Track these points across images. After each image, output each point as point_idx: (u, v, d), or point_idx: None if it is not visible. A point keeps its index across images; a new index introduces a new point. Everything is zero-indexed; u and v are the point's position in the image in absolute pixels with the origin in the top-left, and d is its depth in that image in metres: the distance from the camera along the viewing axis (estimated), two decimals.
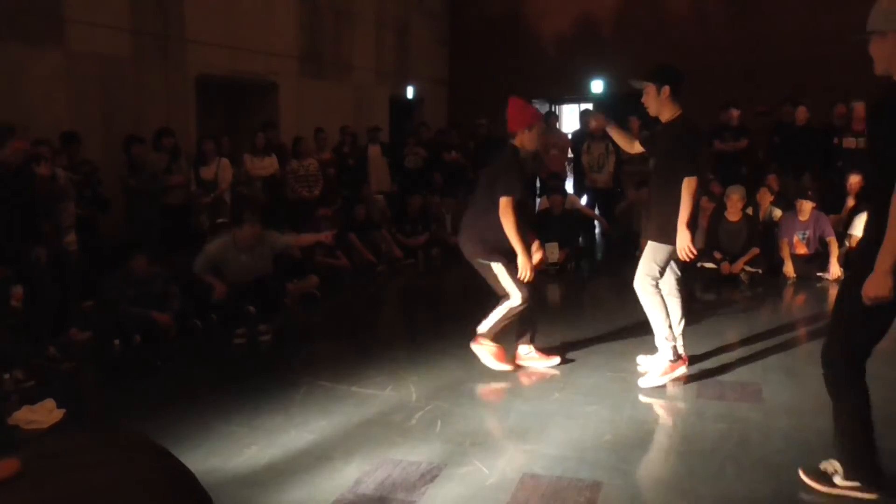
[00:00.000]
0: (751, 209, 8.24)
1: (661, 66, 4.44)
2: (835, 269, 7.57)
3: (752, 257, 7.68)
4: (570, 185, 11.14)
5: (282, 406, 4.21)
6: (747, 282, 7.62)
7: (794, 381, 4.55)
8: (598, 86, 13.69)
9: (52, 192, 5.61)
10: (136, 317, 5.58)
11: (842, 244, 7.79)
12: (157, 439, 3.56)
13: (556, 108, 15.01)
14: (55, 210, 5.67)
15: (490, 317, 4.74)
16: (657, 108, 4.36)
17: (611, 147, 10.51)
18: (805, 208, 7.77)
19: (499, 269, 4.65)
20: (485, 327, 4.74)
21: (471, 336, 4.77)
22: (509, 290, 4.67)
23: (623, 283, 5.34)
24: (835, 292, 7.32)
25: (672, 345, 4.45)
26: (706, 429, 3.84)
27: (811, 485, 3.16)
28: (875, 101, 2.91)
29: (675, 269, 4.62)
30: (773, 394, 4.31)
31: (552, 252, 8.34)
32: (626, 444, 3.65)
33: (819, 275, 7.71)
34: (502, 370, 4.73)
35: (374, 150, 10.54)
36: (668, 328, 4.44)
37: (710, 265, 7.73)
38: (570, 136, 11.62)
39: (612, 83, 13.25)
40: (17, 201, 4.99)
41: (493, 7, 14.35)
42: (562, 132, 12.05)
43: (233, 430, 3.88)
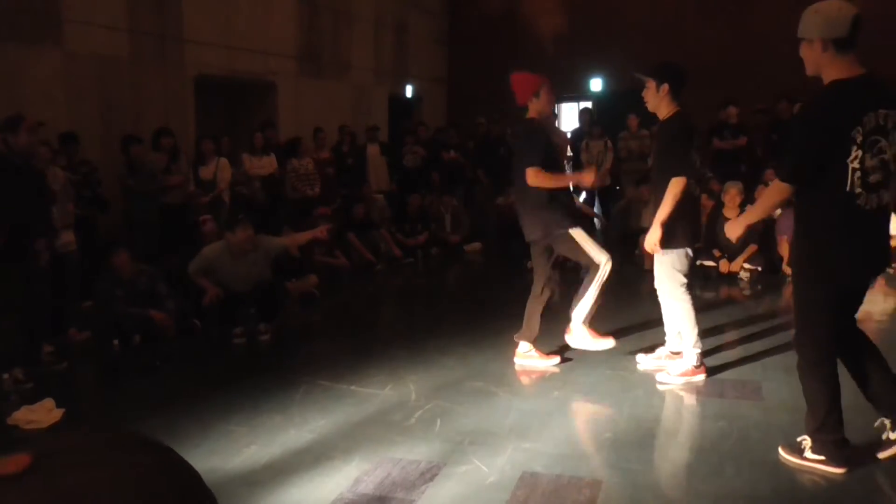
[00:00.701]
0: (749, 206, 8.23)
1: (665, 63, 4.48)
2: None
3: (750, 254, 7.68)
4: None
5: (281, 405, 4.21)
6: (747, 279, 7.62)
7: (794, 379, 4.51)
8: (596, 84, 13.69)
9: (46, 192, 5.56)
10: (134, 317, 5.58)
11: None
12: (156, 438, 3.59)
13: (555, 106, 14.99)
14: (49, 211, 5.62)
15: (583, 299, 4.64)
16: (655, 105, 4.39)
17: (609, 145, 10.52)
18: None
19: (577, 233, 4.60)
20: (580, 313, 4.65)
21: (469, 335, 4.76)
22: (593, 255, 4.59)
23: (621, 281, 5.34)
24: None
25: (698, 352, 4.45)
26: (706, 426, 3.84)
27: (785, 456, 3.36)
28: (803, 103, 3.20)
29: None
30: (773, 392, 4.31)
31: None
32: (626, 442, 3.65)
33: None
34: (607, 347, 4.73)
35: (373, 150, 10.54)
36: (696, 336, 4.44)
37: (709, 263, 7.73)
38: (568, 135, 11.62)
39: (611, 81, 13.26)
40: (25, 194, 4.93)
41: (492, 5, 14.34)
42: (561, 130, 12.04)
43: (232, 429, 3.88)
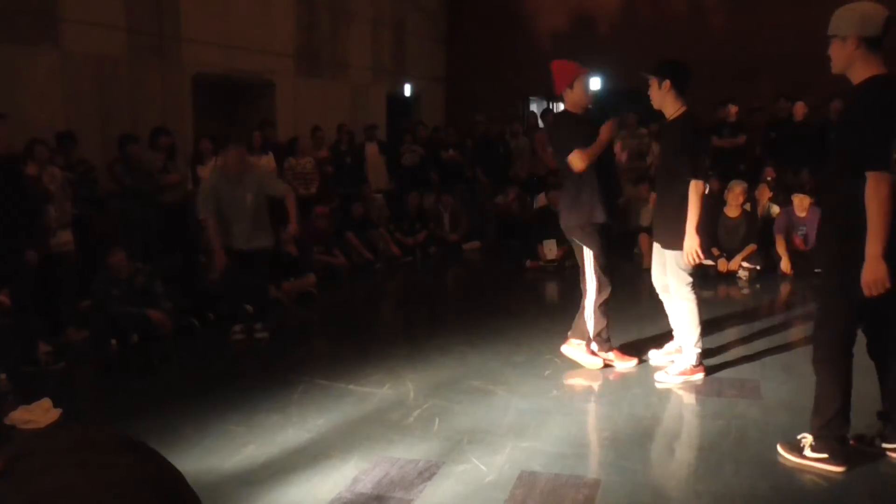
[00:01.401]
0: (749, 205, 8.24)
1: (667, 60, 4.50)
2: None
3: (749, 253, 7.68)
4: None
5: (279, 404, 4.20)
6: (745, 278, 7.62)
7: (793, 378, 4.54)
8: (595, 82, 13.68)
9: (38, 192, 5.54)
10: (131, 316, 5.57)
11: None
12: (154, 438, 3.56)
13: (554, 105, 14.99)
14: (41, 211, 5.59)
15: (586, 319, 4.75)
16: (659, 102, 4.40)
17: None
18: (803, 204, 7.76)
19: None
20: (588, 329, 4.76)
21: (468, 334, 4.76)
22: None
23: (620, 279, 5.33)
24: None
25: (698, 352, 4.46)
26: (705, 425, 3.83)
27: (784, 455, 3.34)
28: (843, 103, 3.14)
29: None
30: (772, 390, 4.30)
31: (551, 249, 8.35)
32: (625, 441, 3.64)
33: (817, 271, 7.68)
34: (628, 366, 4.76)
35: (372, 148, 10.53)
36: (699, 336, 4.45)
37: (708, 262, 7.72)
38: None
39: (610, 79, 13.24)
40: (4, 196, 4.90)
41: (490, 4, 14.34)
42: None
43: (230, 428, 3.87)
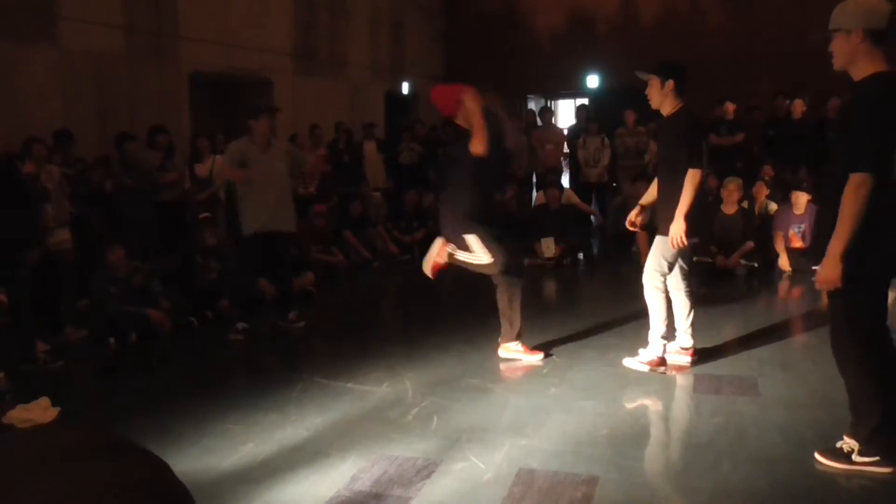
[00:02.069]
0: (746, 202, 8.25)
1: (668, 61, 4.57)
2: None
3: (746, 251, 7.69)
4: (565, 180, 11.14)
5: (278, 403, 4.20)
6: (743, 276, 7.63)
7: (790, 375, 4.56)
8: (593, 80, 13.69)
9: (36, 191, 5.53)
10: (129, 314, 5.57)
11: None
12: (152, 437, 3.56)
13: (552, 103, 15.00)
14: (39, 210, 5.59)
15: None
16: (659, 101, 4.44)
17: (606, 141, 10.52)
18: (800, 201, 7.77)
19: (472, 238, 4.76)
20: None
21: (466, 332, 4.77)
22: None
23: (618, 277, 5.34)
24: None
25: (663, 344, 4.55)
26: (702, 423, 3.84)
27: (829, 464, 3.22)
28: (844, 101, 3.20)
29: (682, 264, 4.63)
30: (770, 387, 4.31)
31: (548, 247, 8.35)
32: (623, 438, 3.65)
33: (815, 268, 7.67)
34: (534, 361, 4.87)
35: (370, 147, 10.53)
36: (663, 326, 4.52)
37: (705, 259, 7.74)
38: (565, 132, 11.62)
39: (608, 78, 13.25)
40: (2, 195, 4.87)
41: (488, 2, 14.33)
42: (557, 127, 12.04)
43: (228, 427, 3.87)
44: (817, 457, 3.29)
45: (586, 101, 13.18)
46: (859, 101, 3.05)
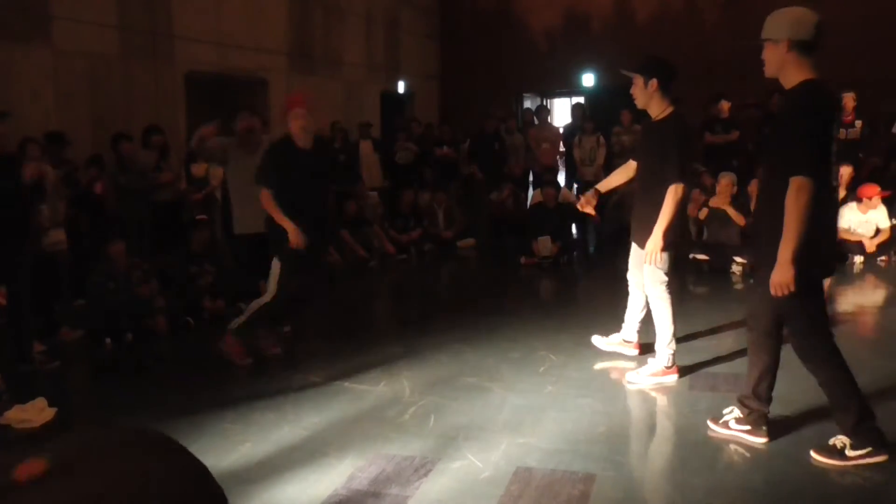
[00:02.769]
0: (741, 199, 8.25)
1: (651, 58, 4.38)
2: None
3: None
4: (560, 179, 11.15)
5: (275, 403, 4.20)
6: (738, 273, 7.64)
7: (785, 372, 4.55)
8: (588, 79, 13.70)
9: (34, 191, 5.51)
10: (126, 309, 5.56)
11: None
12: None
13: (548, 101, 15.01)
14: (34, 211, 5.56)
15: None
16: (644, 101, 4.28)
17: (601, 140, 10.53)
18: None
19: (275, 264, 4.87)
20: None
21: (463, 331, 4.77)
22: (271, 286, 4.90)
23: (615, 276, 5.35)
24: (826, 283, 7.34)
25: (671, 353, 4.41)
26: (699, 420, 3.84)
27: (824, 461, 3.27)
28: (778, 106, 3.24)
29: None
30: None
31: (545, 245, 8.35)
32: (620, 436, 3.66)
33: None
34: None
35: (366, 146, 10.52)
36: (671, 336, 4.40)
37: (701, 257, 7.75)
38: (561, 130, 11.63)
39: (603, 77, 13.26)
40: (2, 196, 4.87)
41: (483, 1, 14.33)
42: (553, 126, 12.05)
43: (226, 426, 3.87)
44: (813, 454, 3.31)
45: (582, 100, 13.20)
46: (794, 108, 3.16)
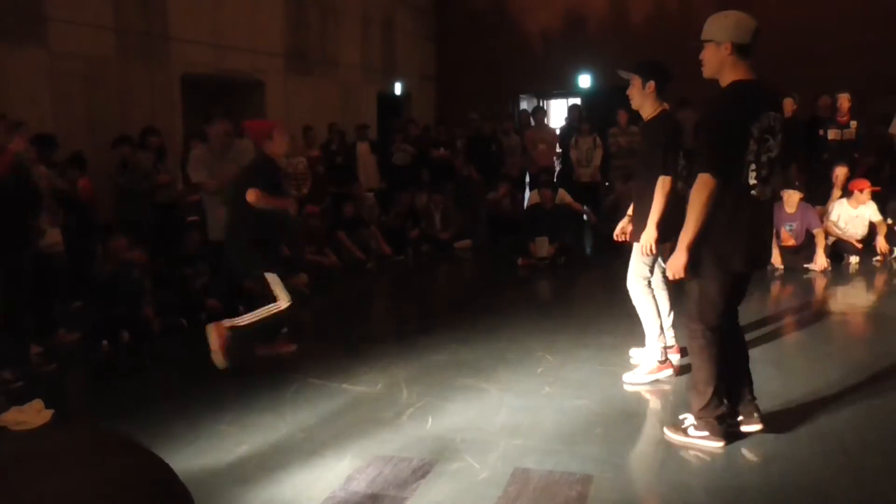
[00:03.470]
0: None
1: (650, 60, 4.51)
2: (821, 261, 7.62)
3: None
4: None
5: (272, 404, 4.20)
6: None
7: (783, 372, 4.58)
8: (585, 80, 13.71)
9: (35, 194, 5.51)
10: (124, 303, 5.58)
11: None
12: (146, 438, 3.54)
13: (544, 102, 15.02)
14: (35, 217, 5.56)
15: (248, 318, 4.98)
16: (640, 102, 4.39)
17: (598, 141, 10.54)
18: (792, 200, 7.80)
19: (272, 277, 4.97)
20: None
21: (460, 332, 4.77)
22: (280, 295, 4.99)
23: (612, 277, 5.36)
24: (822, 283, 7.37)
25: (662, 346, 4.47)
26: None
27: (672, 436, 3.53)
28: (706, 101, 3.43)
29: (660, 263, 4.63)
30: (762, 384, 4.29)
31: (542, 246, 8.35)
32: (617, 437, 3.66)
33: (806, 266, 7.76)
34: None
35: (363, 147, 10.52)
36: (659, 329, 4.46)
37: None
38: (557, 131, 11.64)
39: (600, 78, 13.27)
40: (11, 200, 4.87)
41: (480, 2, 14.34)
42: (549, 127, 12.06)
43: (223, 428, 3.87)
44: (665, 430, 3.59)
45: (578, 101, 13.21)
46: (713, 106, 3.28)
